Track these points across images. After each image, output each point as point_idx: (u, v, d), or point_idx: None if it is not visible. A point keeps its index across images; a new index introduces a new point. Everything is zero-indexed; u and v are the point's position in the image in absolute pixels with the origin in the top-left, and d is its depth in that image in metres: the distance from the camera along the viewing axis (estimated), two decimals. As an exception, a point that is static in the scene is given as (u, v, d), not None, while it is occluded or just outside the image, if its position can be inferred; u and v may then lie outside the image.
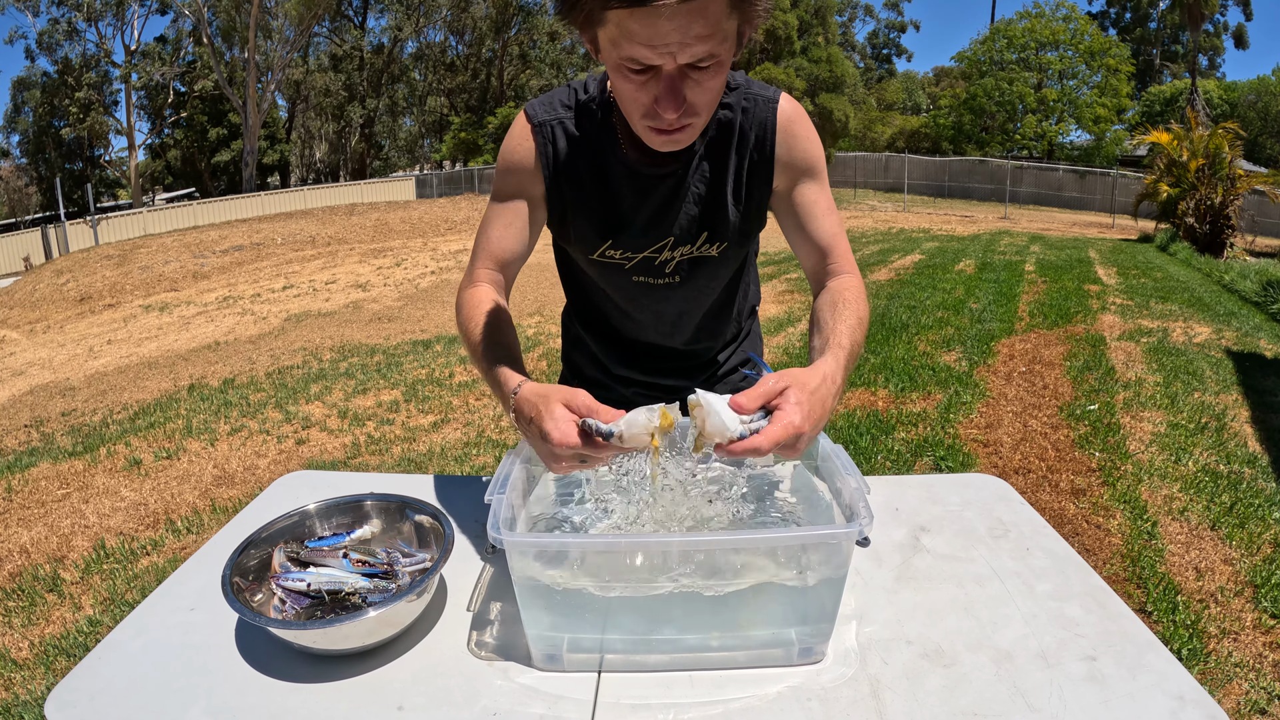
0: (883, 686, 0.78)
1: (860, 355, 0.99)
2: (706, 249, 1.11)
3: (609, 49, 0.84)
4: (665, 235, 1.09)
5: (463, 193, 25.87)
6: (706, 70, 0.84)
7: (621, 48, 0.82)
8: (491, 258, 1.08)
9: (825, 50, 27.29)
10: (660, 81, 0.85)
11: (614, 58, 0.84)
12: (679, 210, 1.08)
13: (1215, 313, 6.88)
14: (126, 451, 4.04)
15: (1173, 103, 30.84)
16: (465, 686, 0.79)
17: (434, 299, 9.02)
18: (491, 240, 1.08)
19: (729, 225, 1.09)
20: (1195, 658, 2.12)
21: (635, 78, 0.85)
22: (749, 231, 1.13)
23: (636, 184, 1.06)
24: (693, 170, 1.06)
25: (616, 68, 0.85)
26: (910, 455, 3.54)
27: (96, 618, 2.46)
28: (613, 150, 1.05)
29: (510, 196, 1.08)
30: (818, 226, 1.08)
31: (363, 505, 0.99)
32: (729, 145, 1.06)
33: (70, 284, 13.88)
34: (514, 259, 1.09)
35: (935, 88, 42.33)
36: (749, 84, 1.06)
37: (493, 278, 1.08)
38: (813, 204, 1.08)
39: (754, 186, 1.08)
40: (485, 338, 0.99)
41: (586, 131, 1.05)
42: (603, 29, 0.83)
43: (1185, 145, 13.52)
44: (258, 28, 27.35)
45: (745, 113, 1.05)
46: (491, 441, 3.88)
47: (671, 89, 0.84)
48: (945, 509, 1.12)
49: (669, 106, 0.86)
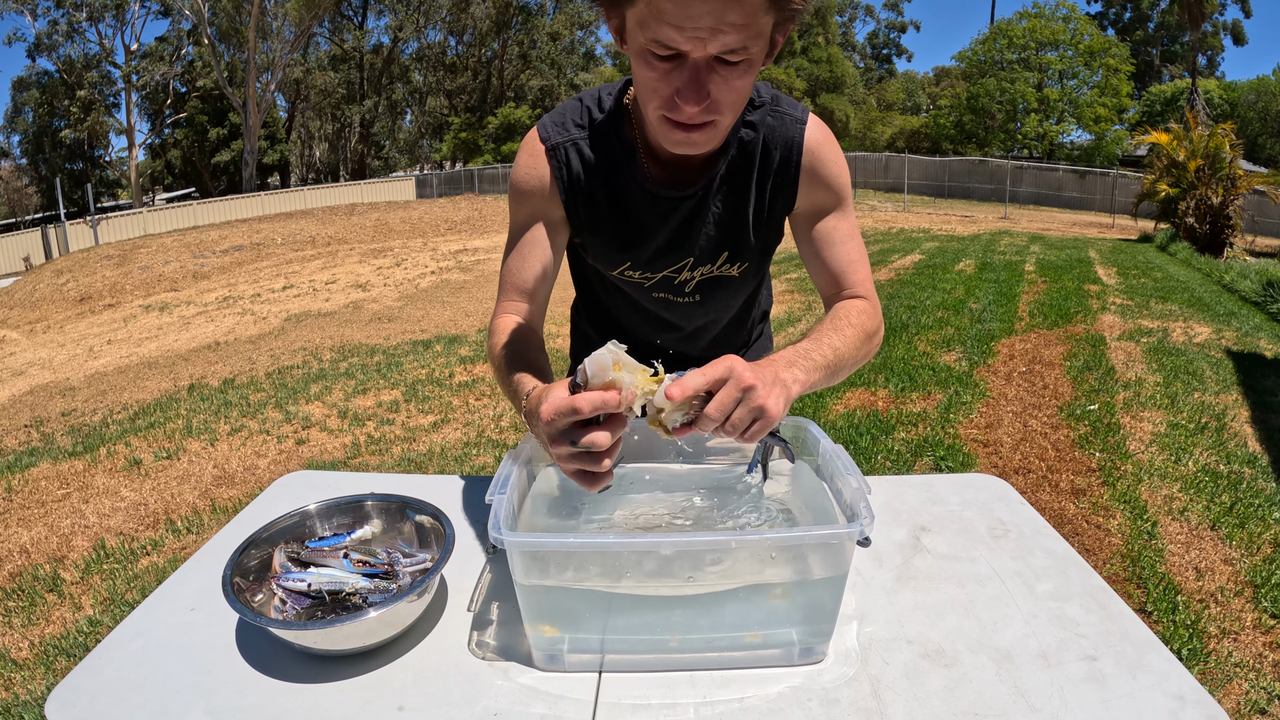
0: (883, 686, 0.78)
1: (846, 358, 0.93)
2: (727, 269, 1.09)
3: (635, 31, 0.80)
4: (685, 256, 1.07)
5: (463, 193, 25.87)
6: (735, 67, 0.80)
7: (650, 29, 0.78)
8: (516, 290, 1.05)
9: (825, 50, 27.32)
10: (685, 71, 0.80)
11: (640, 41, 0.80)
12: (699, 232, 1.04)
13: (1215, 313, 6.88)
14: (126, 451, 4.04)
15: (1173, 103, 30.85)
16: (466, 687, 0.79)
17: (434, 299, 9.02)
18: (513, 271, 1.05)
19: (750, 246, 1.07)
20: (1195, 658, 2.12)
21: (660, 65, 0.81)
22: (769, 250, 1.10)
23: (656, 207, 1.03)
24: (714, 191, 1.02)
25: (641, 53, 0.81)
26: (910, 455, 3.54)
27: (96, 618, 2.46)
28: (631, 171, 1.01)
29: (528, 222, 1.04)
30: (835, 254, 1.04)
31: (363, 505, 0.99)
32: (751, 165, 1.02)
33: (70, 284, 13.88)
34: (539, 285, 1.06)
35: (935, 88, 42.33)
36: (776, 100, 1.02)
37: (516, 309, 1.05)
38: (833, 230, 1.04)
39: (776, 207, 1.05)
40: (507, 360, 0.97)
41: (602, 153, 1.02)
42: (632, 8, 0.79)
43: (1184, 145, 13.52)
44: (258, 28, 27.35)
45: (770, 130, 1.01)
46: (491, 441, 3.88)
47: (695, 80, 0.80)
48: (945, 509, 1.12)
49: (691, 98, 0.81)
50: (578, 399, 0.71)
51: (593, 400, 0.71)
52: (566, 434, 0.73)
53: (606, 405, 0.71)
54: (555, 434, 0.73)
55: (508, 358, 0.96)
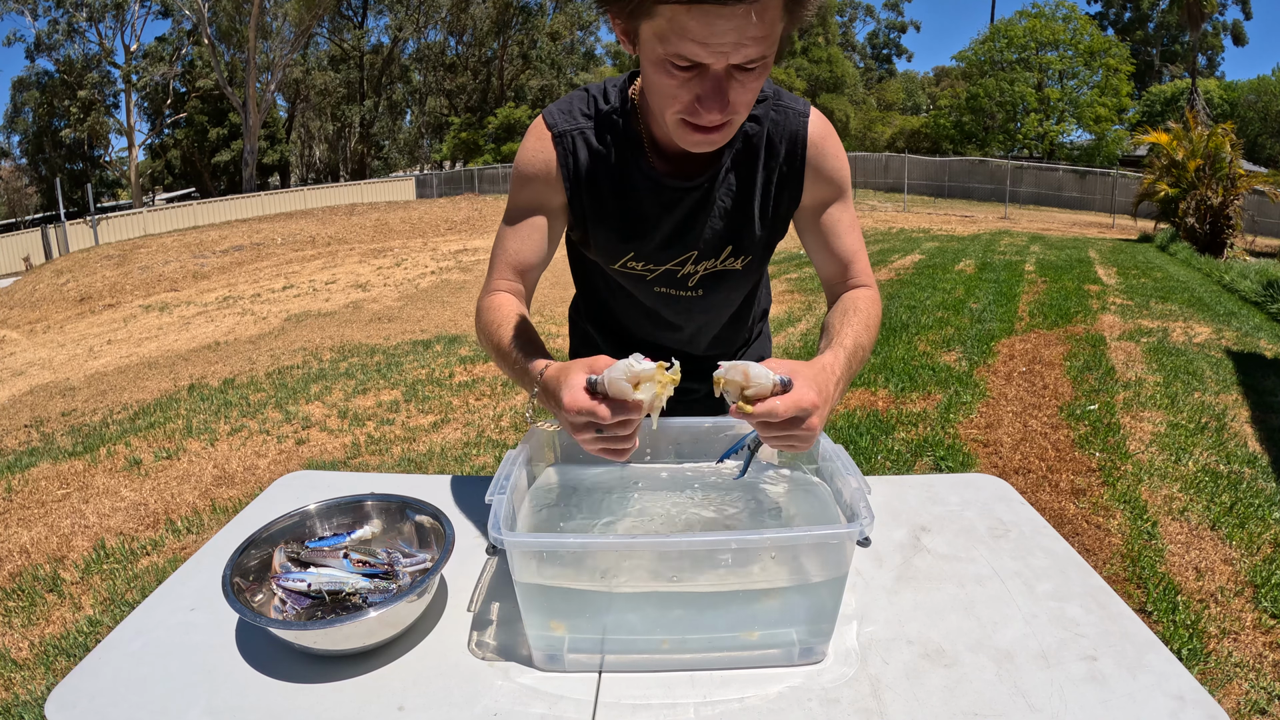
0: (883, 687, 0.78)
1: (867, 357, 0.99)
2: (730, 263, 1.09)
3: (652, 43, 0.80)
4: (689, 249, 1.07)
5: (463, 193, 25.87)
6: (752, 72, 0.81)
7: (670, 44, 0.78)
8: (509, 267, 1.06)
9: (825, 50, 27.33)
10: (705, 81, 0.81)
11: (658, 53, 0.80)
12: (704, 224, 1.05)
13: (1215, 313, 6.88)
14: (126, 451, 4.04)
15: (1173, 103, 30.84)
16: (466, 687, 0.79)
17: (434, 299, 9.02)
18: (509, 251, 1.05)
19: (754, 239, 1.07)
20: (1195, 658, 2.12)
21: (679, 74, 0.81)
22: (772, 244, 1.11)
23: (661, 197, 1.03)
24: (719, 183, 1.03)
25: (659, 63, 0.81)
26: (910, 455, 3.54)
27: (96, 618, 2.46)
28: (637, 162, 1.02)
29: (528, 206, 1.05)
30: (841, 244, 1.07)
31: (363, 505, 0.99)
32: (756, 158, 1.03)
33: (70, 284, 13.88)
34: (532, 269, 1.06)
35: (935, 88, 42.35)
36: (778, 94, 1.03)
37: (511, 287, 1.06)
38: (837, 222, 1.07)
39: (781, 200, 1.06)
40: (507, 337, 0.97)
41: (608, 143, 1.02)
42: (649, 21, 0.79)
43: (1184, 145, 13.51)
44: (258, 28, 27.35)
45: (774, 124, 1.02)
46: (491, 441, 3.88)
47: (718, 90, 0.82)
48: (945, 509, 1.12)
49: (714, 107, 0.83)
50: (599, 408, 0.75)
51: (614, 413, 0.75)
52: (589, 425, 0.77)
53: (628, 418, 0.76)
54: (579, 425, 0.78)
55: (509, 342, 0.97)
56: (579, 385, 0.77)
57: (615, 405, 0.75)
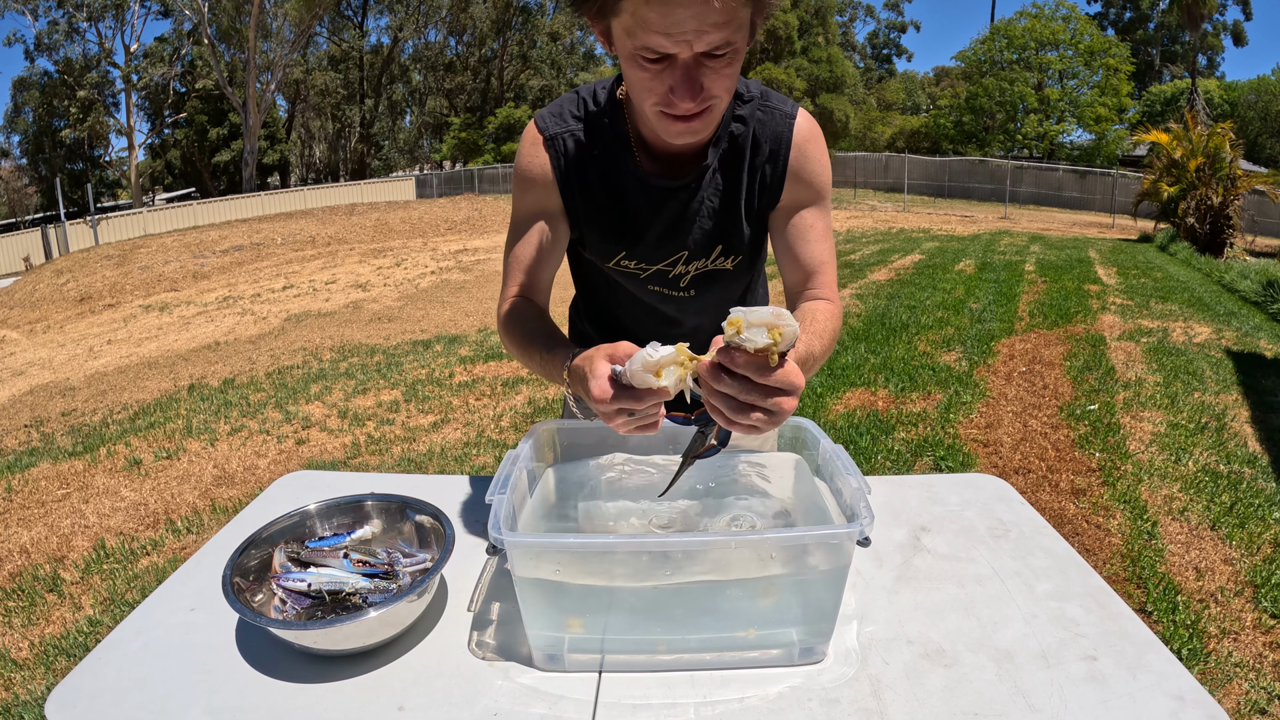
0: (883, 687, 0.78)
1: (815, 370, 0.95)
2: (721, 262, 1.10)
3: (623, 39, 0.84)
4: (679, 249, 1.08)
5: (463, 193, 25.87)
6: (722, 58, 0.83)
7: (637, 37, 0.81)
8: (522, 273, 1.07)
9: (825, 50, 27.33)
10: (675, 70, 0.84)
11: (628, 48, 0.84)
12: (692, 224, 1.06)
13: (1215, 313, 6.88)
14: (126, 451, 4.04)
15: (1173, 102, 30.84)
16: (466, 687, 0.79)
17: (434, 299, 9.02)
18: (519, 257, 1.07)
19: (742, 238, 1.08)
20: (1195, 658, 2.12)
21: (651, 67, 0.84)
22: (761, 244, 1.12)
23: (650, 197, 1.04)
24: (706, 183, 1.04)
25: (631, 57, 0.84)
26: (910, 455, 3.54)
27: (96, 618, 2.46)
28: (625, 162, 1.04)
29: (530, 211, 1.07)
30: (809, 250, 1.06)
31: (363, 505, 0.99)
32: (741, 159, 1.04)
33: (70, 284, 13.88)
34: (543, 273, 1.08)
35: (935, 88, 42.35)
36: (766, 95, 1.04)
37: (526, 292, 1.08)
38: (809, 227, 1.06)
39: (764, 199, 1.06)
40: (530, 337, 0.99)
41: (597, 143, 1.04)
42: (617, 19, 0.82)
43: (1184, 145, 13.51)
44: (258, 28, 27.35)
45: (760, 124, 1.03)
46: (491, 441, 3.88)
47: (688, 78, 0.84)
48: (945, 509, 1.12)
49: (685, 95, 0.85)
50: (631, 402, 0.77)
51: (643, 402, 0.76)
52: (620, 412, 0.79)
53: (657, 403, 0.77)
54: (610, 414, 0.79)
55: (532, 338, 0.99)
56: (604, 375, 0.78)
57: (644, 392, 0.76)
